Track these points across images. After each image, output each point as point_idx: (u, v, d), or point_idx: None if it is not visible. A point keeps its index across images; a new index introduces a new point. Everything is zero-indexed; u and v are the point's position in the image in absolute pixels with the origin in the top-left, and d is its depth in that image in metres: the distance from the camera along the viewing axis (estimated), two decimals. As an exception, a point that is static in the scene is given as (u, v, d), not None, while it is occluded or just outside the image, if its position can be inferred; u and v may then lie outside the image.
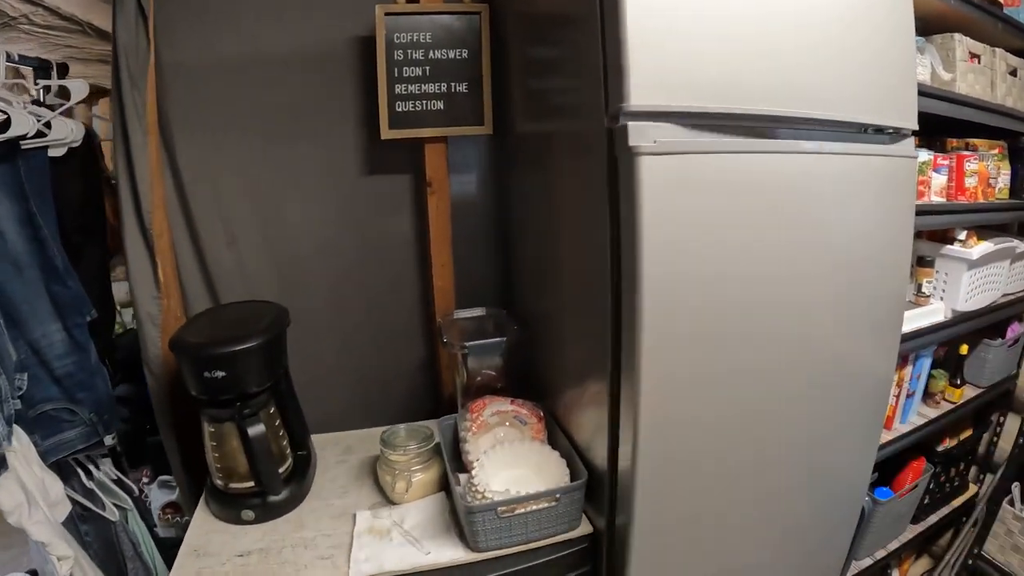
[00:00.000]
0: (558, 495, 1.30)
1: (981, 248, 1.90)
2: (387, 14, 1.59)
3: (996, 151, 2.08)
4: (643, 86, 1.03)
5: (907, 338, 1.75)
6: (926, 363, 2.05)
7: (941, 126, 1.92)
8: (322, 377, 1.76)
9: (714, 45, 1.09)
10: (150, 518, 2.01)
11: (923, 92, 1.57)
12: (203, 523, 1.43)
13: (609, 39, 1.05)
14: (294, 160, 1.68)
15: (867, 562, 2.17)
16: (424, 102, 1.66)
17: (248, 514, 1.41)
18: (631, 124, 1.04)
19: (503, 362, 1.67)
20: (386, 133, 1.63)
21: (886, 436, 1.92)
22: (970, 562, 2.27)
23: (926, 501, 2.35)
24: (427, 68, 1.66)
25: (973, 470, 2.69)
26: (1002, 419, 2.68)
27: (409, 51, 1.63)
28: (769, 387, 1.34)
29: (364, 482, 1.56)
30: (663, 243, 1.08)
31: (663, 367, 1.15)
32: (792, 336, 1.33)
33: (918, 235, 1.91)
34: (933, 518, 2.43)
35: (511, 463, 1.42)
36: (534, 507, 1.28)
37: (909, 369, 1.94)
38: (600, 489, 1.32)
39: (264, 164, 1.66)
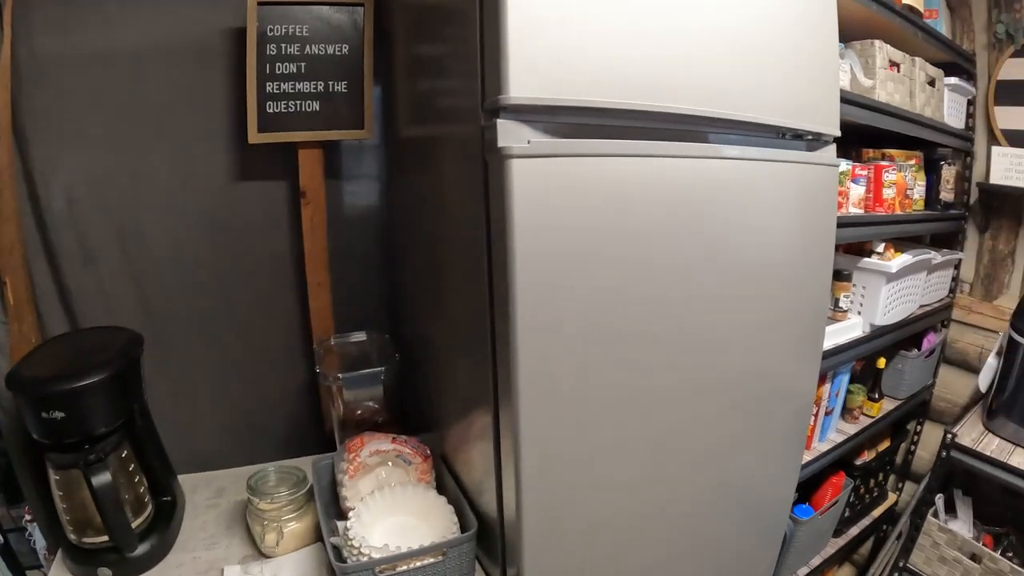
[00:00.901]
0: (445, 549, 1.16)
1: (900, 260, 1.88)
2: (260, 4, 1.43)
3: (913, 162, 2.08)
4: (522, 76, 0.91)
5: (826, 355, 1.70)
6: (844, 379, 2.03)
7: (856, 135, 1.87)
8: (191, 411, 1.60)
9: (607, 37, 0.98)
10: (33, 559, 1.80)
11: (846, 99, 1.53)
12: (59, 583, 1.26)
13: (488, 28, 0.93)
14: (158, 167, 1.51)
15: None
16: (298, 102, 1.51)
17: (105, 572, 1.23)
18: (500, 122, 0.92)
19: (384, 394, 1.53)
20: (254, 137, 1.47)
21: (806, 456, 1.88)
22: (896, 575, 2.26)
23: (846, 514, 2.36)
24: (303, 65, 1.50)
25: (892, 479, 2.72)
26: (919, 428, 2.72)
27: (284, 45, 1.47)
28: (675, 414, 1.24)
29: (235, 530, 1.39)
30: (539, 255, 0.97)
31: (545, 396, 1.04)
32: (697, 358, 1.24)
33: (835, 248, 1.87)
34: (854, 530, 2.46)
35: (393, 509, 1.28)
36: (418, 563, 1.14)
37: (827, 387, 1.92)
38: (493, 538, 1.20)
39: (124, 171, 1.49)
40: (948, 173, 2.29)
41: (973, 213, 2.55)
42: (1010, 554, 2.07)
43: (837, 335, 1.78)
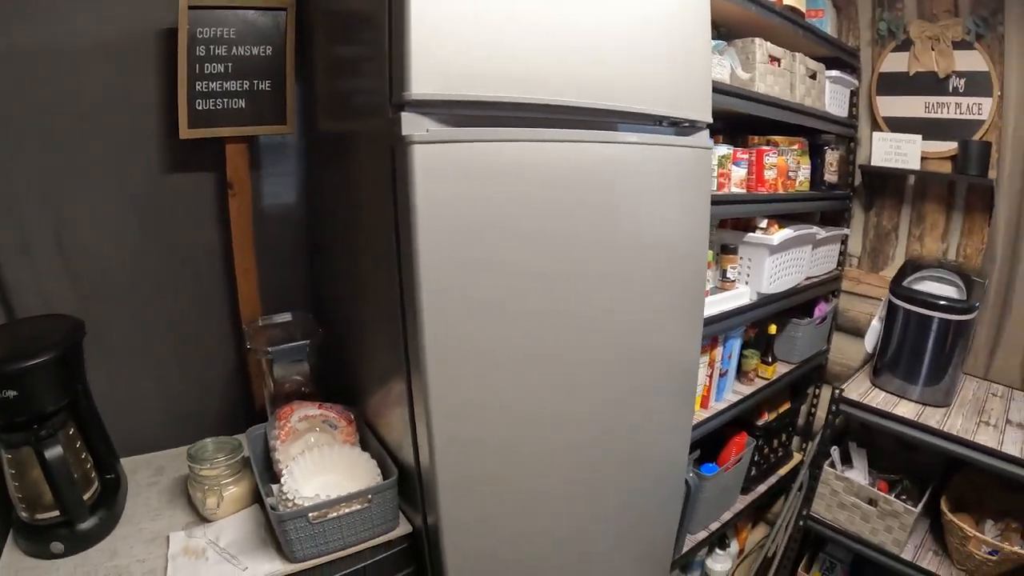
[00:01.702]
0: (370, 496, 1.33)
1: (781, 234, 2.09)
2: (191, 7, 1.55)
3: (796, 147, 2.31)
4: (423, 76, 1.07)
5: (715, 320, 1.91)
6: (736, 344, 2.22)
7: (748, 125, 2.10)
8: (129, 396, 1.69)
9: (500, 38, 1.15)
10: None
11: (723, 90, 1.75)
12: (12, 562, 1.35)
13: (395, 32, 1.08)
14: (94, 161, 1.59)
15: (702, 535, 2.35)
16: (225, 100, 1.63)
17: (57, 546, 1.34)
18: (405, 115, 1.08)
19: (310, 367, 1.68)
20: (184, 132, 1.59)
21: (703, 414, 2.08)
22: (800, 523, 2.47)
23: (753, 473, 2.57)
24: (230, 65, 1.62)
25: (796, 440, 2.97)
26: (817, 391, 2.98)
27: (212, 47, 1.60)
28: (571, 377, 1.42)
29: (177, 503, 1.52)
30: (440, 231, 1.13)
31: (449, 361, 1.20)
32: (588, 325, 1.42)
33: (722, 224, 2.11)
34: (762, 487, 2.68)
35: (322, 469, 1.44)
36: (346, 510, 1.31)
37: (720, 350, 2.11)
38: (414, 488, 1.36)
39: (60, 165, 1.57)
40: (832, 157, 2.55)
41: (859, 193, 2.82)
42: (904, 497, 2.31)
43: (725, 302, 1.99)
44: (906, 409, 2.19)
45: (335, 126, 1.59)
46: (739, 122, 2.14)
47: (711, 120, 1.59)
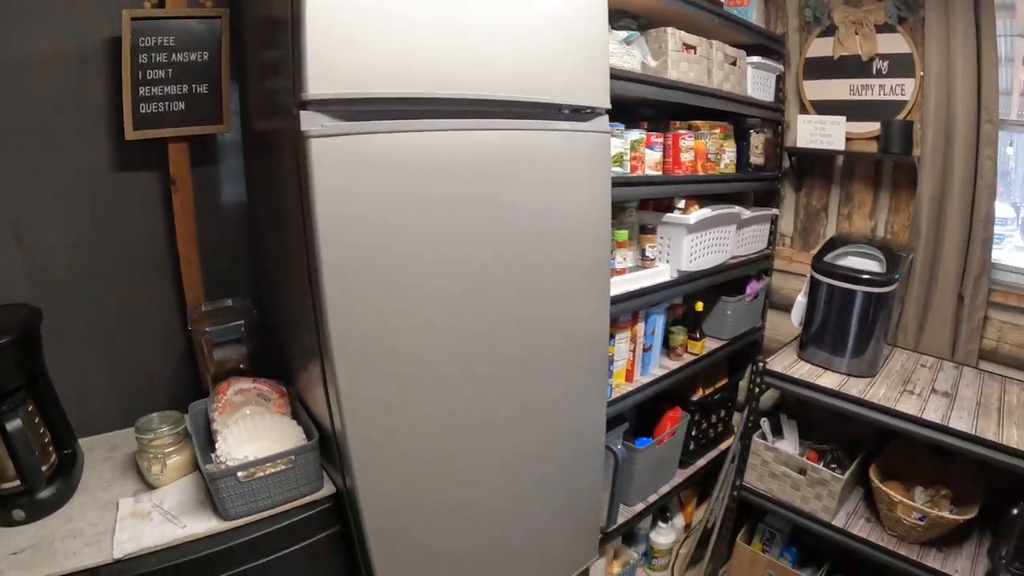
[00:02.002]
0: (293, 456, 1.50)
1: (698, 214, 2.24)
2: (133, 19, 1.70)
3: (718, 131, 2.46)
4: (320, 77, 1.22)
5: (633, 296, 2.06)
6: (659, 320, 2.37)
7: (677, 112, 2.28)
8: (85, 380, 1.83)
9: (394, 39, 1.30)
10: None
11: (629, 78, 1.90)
12: (-25, 528, 1.49)
13: (294, 38, 1.23)
14: (48, 161, 1.72)
15: (640, 506, 2.50)
16: (167, 103, 1.79)
17: (19, 514, 1.47)
18: (304, 113, 1.23)
19: (248, 348, 1.85)
20: (130, 134, 1.74)
21: (627, 387, 2.23)
22: (735, 493, 2.61)
23: (692, 447, 2.72)
24: (170, 71, 1.78)
25: (736, 416, 3.10)
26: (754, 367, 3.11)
27: (153, 55, 1.75)
28: (470, 350, 1.58)
29: (129, 475, 1.68)
30: (339, 218, 1.29)
31: (356, 344, 1.36)
32: (489, 299, 1.57)
33: (643, 205, 2.25)
34: (702, 461, 2.83)
35: (255, 437, 1.59)
36: (272, 470, 1.47)
37: (641, 326, 2.25)
38: (335, 453, 1.52)
39: (15, 163, 1.69)
40: (756, 140, 2.73)
41: (789, 175, 3.00)
42: (833, 465, 2.47)
43: (644, 280, 2.14)
44: (830, 380, 2.34)
45: (263, 124, 1.73)
46: (667, 109, 2.29)
47: (609, 106, 1.74)
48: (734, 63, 2.48)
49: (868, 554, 2.27)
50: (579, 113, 1.71)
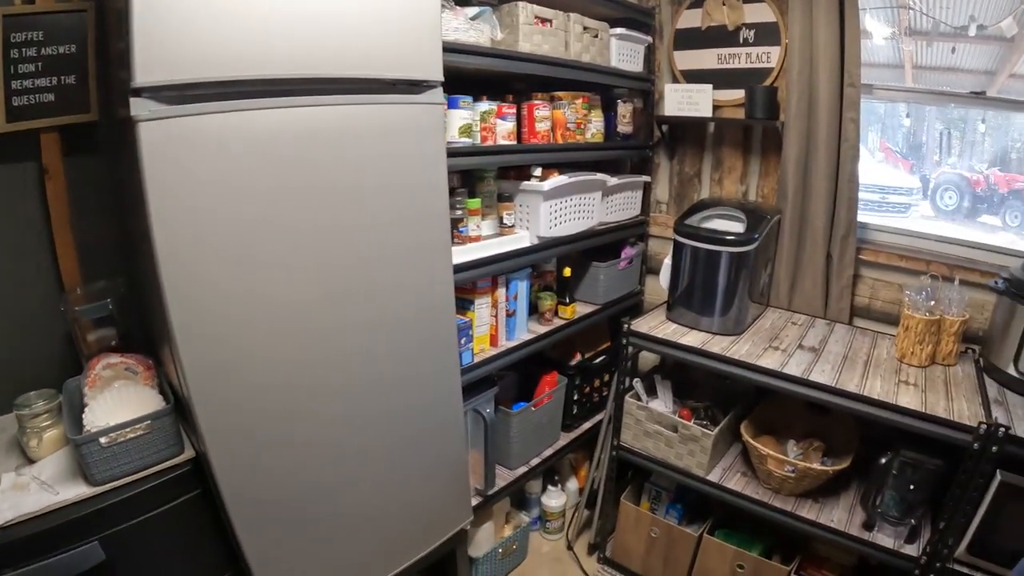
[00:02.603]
0: (149, 420, 1.67)
1: (553, 181, 2.41)
2: (5, 16, 1.82)
3: (580, 101, 2.64)
4: (146, 67, 1.36)
5: (489, 262, 2.23)
6: (522, 285, 2.54)
7: (541, 85, 2.45)
8: None
9: (218, 28, 1.44)
10: None
11: (473, 51, 2.06)
12: None
13: (126, 30, 1.37)
14: None
15: (522, 469, 2.68)
16: (37, 95, 1.92)
17: None
18: (133, 100, 1.36)
19: (120, 325, 2.02)
20: (2, 127, 1.87)
21: (491, 351, 2.41)
22: (613, 453, 2.77)
23: (575, 411, 2.90)
24: (40, 64, 1.90)
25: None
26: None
27: (24, 49, 1.87)
28: (310, 317, 1.74)
29: (12, 453, 1.82)
30: (167, 194, 1.44)
31: (192, 312, 1.52)
32: (325, 268, 1.74)
33: (505, 175, 2.41)
34: (586, 424, 3.04)
35: (120, 407, 1.74)
36: (132, 435, 1.64)
37: (502, 291, 2.43)
38: (189, 419, 1.69)
39: None
40: (624, 110, 2.94)
41: (662, 143, 3.22)
42: (706, 422, 2.65)
43: (501, 246, 2.32)
44: (693, 338, 2.52)
45: (119, 112, 1.80)
46: (536, 81, 2.46)
47: (441, 79, 1.89)
48: (596, 35, 2.65)
49: (746, 507, 2.43)
50: (418, 86, 1.86)
